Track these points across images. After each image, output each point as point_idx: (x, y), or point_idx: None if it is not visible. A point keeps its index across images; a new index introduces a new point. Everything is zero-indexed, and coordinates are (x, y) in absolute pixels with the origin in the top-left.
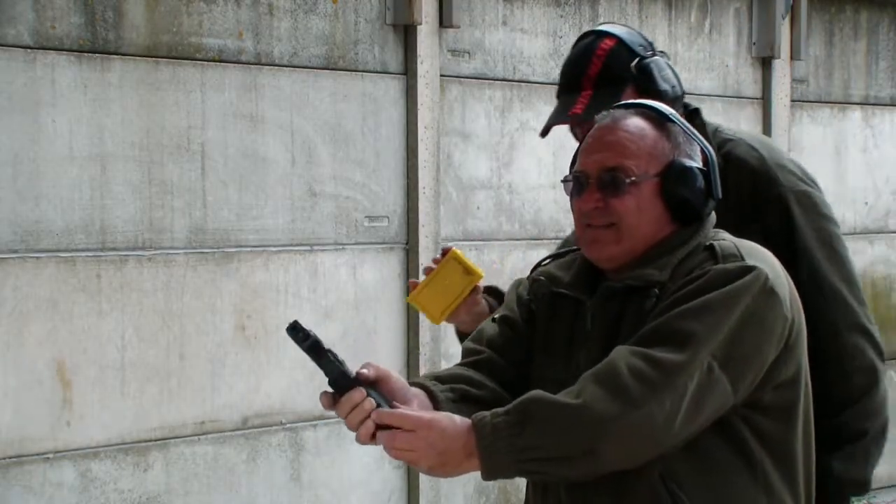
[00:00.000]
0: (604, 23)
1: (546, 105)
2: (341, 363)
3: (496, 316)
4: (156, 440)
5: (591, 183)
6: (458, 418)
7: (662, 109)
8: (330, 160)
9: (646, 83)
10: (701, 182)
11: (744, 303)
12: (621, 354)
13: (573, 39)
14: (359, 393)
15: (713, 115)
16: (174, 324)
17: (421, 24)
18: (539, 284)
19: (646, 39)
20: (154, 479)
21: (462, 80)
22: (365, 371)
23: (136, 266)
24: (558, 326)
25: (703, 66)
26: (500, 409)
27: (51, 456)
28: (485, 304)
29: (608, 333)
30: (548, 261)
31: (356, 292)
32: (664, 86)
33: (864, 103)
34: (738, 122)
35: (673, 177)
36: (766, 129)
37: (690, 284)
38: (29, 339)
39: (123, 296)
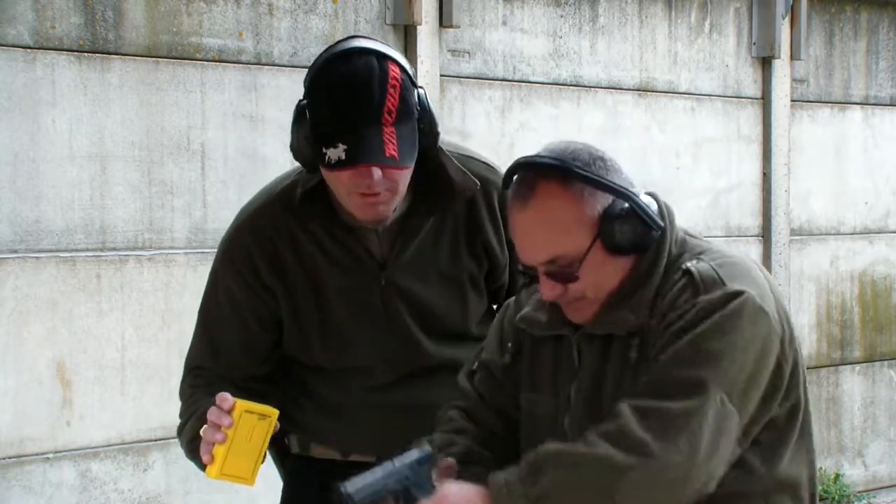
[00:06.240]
0: (357, 36)
1: (546, 105)
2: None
3: (477, 361)
4: (156, 440)
5: (540, 274)
6: (465, 484)
7: (558, 165)
8: None
9: (427, 120)
10: (635, 217)
11: (738, 333)
12: (626, 412)
13: (573, 39)
14: None
15: (713, 114)
16: (174, 324)
17: (421, 24)
18: (521, 332)
19: (407, 62)
20: (154, 479)
21: (462, 80)
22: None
23: (136, 266)
24: (543, 363)
25: (703, 66)
26: (514, 466)
27: (51, 456)
28: None
29: (596, 372)
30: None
31: None
32: (438, 125)
33: (864, 103)
34: (738, 122)
35: (609, 233)
36: (766, 129)
37: (679, 322)
38: (29, 339)
39: (123, 296)
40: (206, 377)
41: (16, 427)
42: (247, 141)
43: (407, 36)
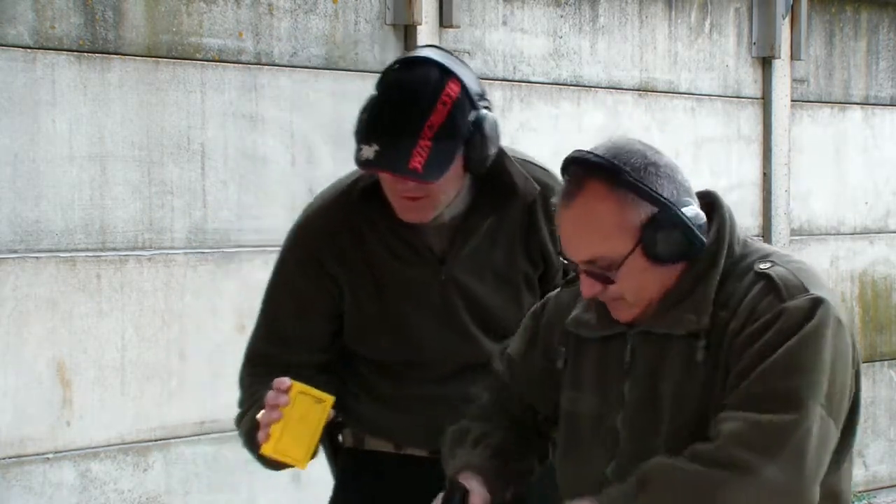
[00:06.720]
0: (427, 46)
1: (546, 105)
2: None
3: (506, 353)
4: (156, 440)
5: (581, 271)
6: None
7: (607, 166)
8: (330, 160)
9: (477, 144)
10: (678, 229)
11: (828, 342)
12: (725, 427)
13: (573, 39)
14: None
15: (713, 114)
16: (174, 324)
17: (421, 24)
18: (569, 334)
19: (479, 84)
20: (154, 479)
21: None
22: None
23: (136, 266)
24: (588, 362)
25: (703, 66)
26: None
27: (51, 456)
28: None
29: (652, 370)
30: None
31: None
32: (491, 149)
33: (864, 103)
34: (738, 122)
35: (650, 242)
36: (767, 129)
37: (766, 331)
38: (29, 339)
39: (123, 296)
40: (266, 366)
41: (16, 427)
42: (247, 141)
43: (407, 36)
